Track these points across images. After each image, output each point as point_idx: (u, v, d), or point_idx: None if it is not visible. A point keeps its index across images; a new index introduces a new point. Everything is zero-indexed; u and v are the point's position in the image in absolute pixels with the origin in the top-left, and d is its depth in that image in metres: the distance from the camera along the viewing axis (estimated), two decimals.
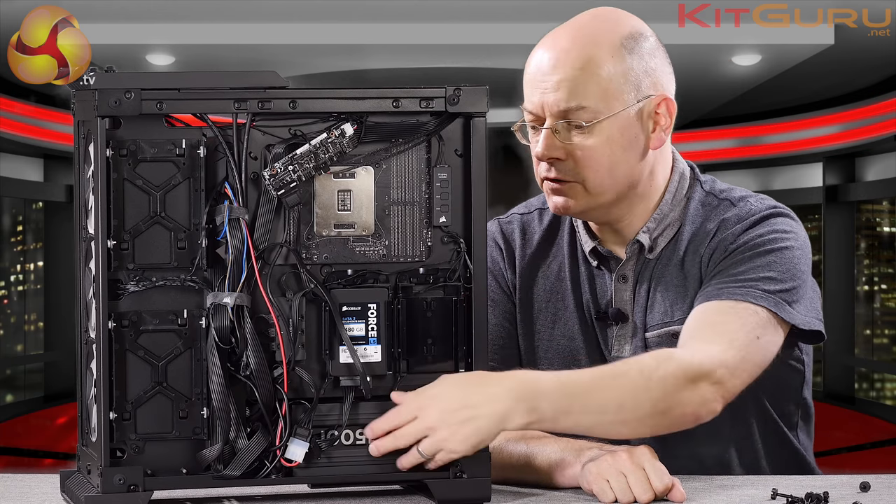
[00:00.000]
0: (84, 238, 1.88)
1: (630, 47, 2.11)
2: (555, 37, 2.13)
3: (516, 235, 2.28)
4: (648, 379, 1.92)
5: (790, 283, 2.08)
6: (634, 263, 2.18)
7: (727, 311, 2.04)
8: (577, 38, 2.11)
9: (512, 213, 2.32)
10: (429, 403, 1.85)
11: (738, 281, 2.06)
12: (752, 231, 2.12)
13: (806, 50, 8.49)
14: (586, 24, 2.13)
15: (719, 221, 2.15)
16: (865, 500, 1.91)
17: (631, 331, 2.17)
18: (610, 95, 2.08)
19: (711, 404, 1.96)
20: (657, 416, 1.92)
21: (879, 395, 11.25)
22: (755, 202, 2.17)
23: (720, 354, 1.98)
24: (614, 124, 2.09)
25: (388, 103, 1.87)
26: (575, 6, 2.23)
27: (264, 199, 1.84)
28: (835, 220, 11.01)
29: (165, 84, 1.82)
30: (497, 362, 2.18)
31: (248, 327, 1.83)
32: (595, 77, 2.08)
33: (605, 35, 2.11)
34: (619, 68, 2.09)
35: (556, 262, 2.25)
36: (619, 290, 2.18)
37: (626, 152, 2.11)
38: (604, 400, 1.90)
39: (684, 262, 2.15)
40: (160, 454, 1.83)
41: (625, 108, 2.09)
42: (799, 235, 2.14)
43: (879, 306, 11.14)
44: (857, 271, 11.09)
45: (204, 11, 7.74)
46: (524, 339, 2.24)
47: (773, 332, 2.05)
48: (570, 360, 2.20)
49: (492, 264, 2.25)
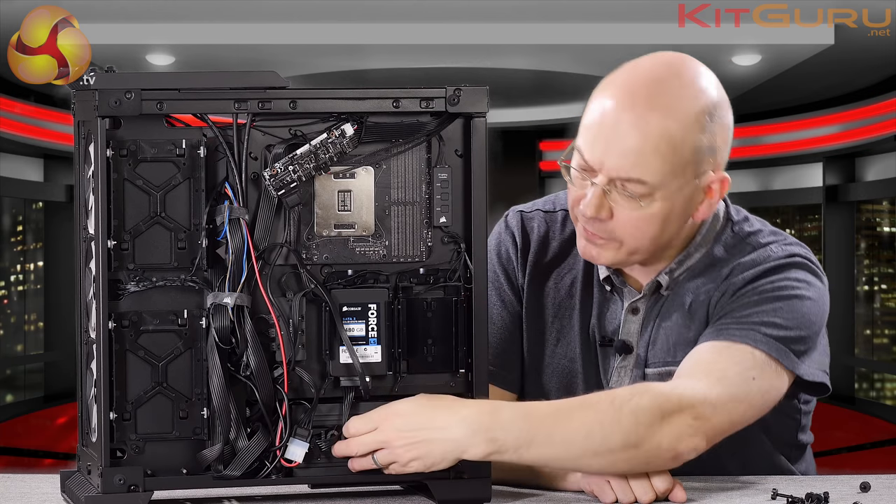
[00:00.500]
0: (84, 238, 1.88)
1: (704, 124, 2.00)
2: (632, 92, 2.00)
3: (535, 235, 2.21)
4: (619, 410, 1.85)
5: (796, 331, 2.01)
6: (648, 298, 2.12)
7: (722, 350, 1.97)
8: (657, 104, 1.98)
9: (536, 209, 2.24)
10: (390, 418, 1.85)
11: (740, 322, 2.00)
12: (763, 278, 2.04)
13: (806, 50, 8.49)
14: (667, 85, 2.00)
15: (734, 265, 2.08)
16: (865, 500, 1.91)
17: (633, 363, 2.12)
18: (672, 173, 1.99)
19: (689, 440, 1.87)
20: (630, 449, 1.85)
21: (879, 395, 11.25)
22: (776, 248, 2.09)
23: (705, 390, 1.91)
24: (667, 200, 2.01)
25: (389, 103, 1.87)
26: (575, 6, 2.23)
27: (264, 200, 1.84)
28: (835, 220, 11.01)
29: (165, 84, 1.82)
30: (497, 367, 2.16)
31: (248, 327, 1.83)
32: (664, 155, 1.98)
33: (685, 105, 1.99)
34: (689, 146, 1.99)
35: (570, 275, 2.19)
36: (628, 321, 2.13)
37: (671, 224, 2.04)
38: (569, 431, 1.85)
39: (693, 303, 2.09)
40: (160, 454, 1.83)
41: (683, 186, 2.01)
42: (814, 287, 2.06)
43: (879, 306, 11.14)
44: (857, 271, 11.10)
45: (204, 11, 7.74)
46: (528, 348, 2.19)
47: (773, 377, 1.98)
48: (568, 381, 2.17)
49: (506, 261, 2.21)
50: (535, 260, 2.20)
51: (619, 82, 2.03)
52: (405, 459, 1.84)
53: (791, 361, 1.99)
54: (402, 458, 1.84)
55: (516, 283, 2.20)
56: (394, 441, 1.84)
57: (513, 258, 2.20)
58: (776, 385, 1.99)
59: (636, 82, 2.01)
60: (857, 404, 10.65)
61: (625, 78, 2.03)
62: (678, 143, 1.98)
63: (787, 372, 2.00)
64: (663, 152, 1.98)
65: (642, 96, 1.99)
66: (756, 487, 2.00)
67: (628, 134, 1.98)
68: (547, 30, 8.06)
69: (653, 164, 1.98)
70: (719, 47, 8.58)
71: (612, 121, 1.99)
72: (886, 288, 11.16)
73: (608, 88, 2.03)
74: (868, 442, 9.33)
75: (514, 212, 2.24)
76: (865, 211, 11.18)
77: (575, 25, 7.91)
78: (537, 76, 10.14)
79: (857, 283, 11.09)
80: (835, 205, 11.02)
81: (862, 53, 8.68)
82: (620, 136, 1.98)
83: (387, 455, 1.85)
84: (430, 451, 1.83)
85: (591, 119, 2.02)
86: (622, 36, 8.04)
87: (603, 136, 2.00)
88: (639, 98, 1.99)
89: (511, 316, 2.19)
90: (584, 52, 9.03)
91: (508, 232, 2.22)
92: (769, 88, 9.94)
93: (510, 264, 2.20)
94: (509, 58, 9.36)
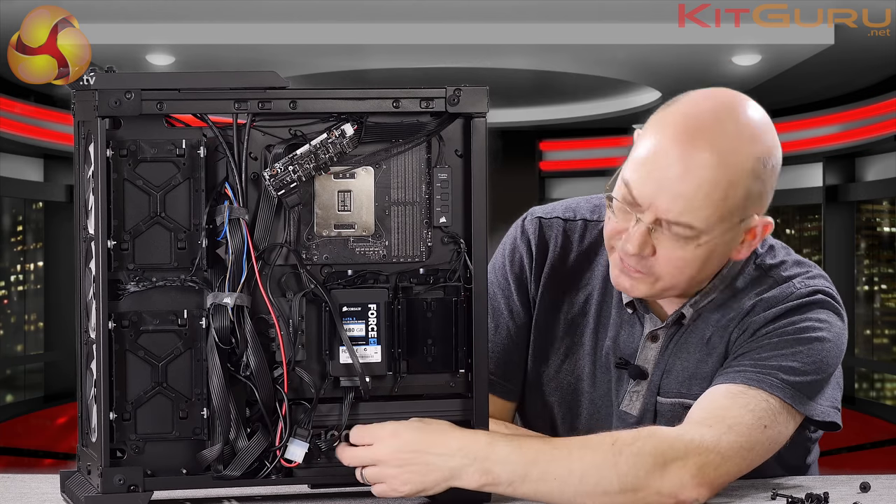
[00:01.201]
0: (84, 238, 1.88)
1: (759, 172, 1.97)
2: (690, 134, 1.94)
3: (552, 245, 2.17)
4: (619, 454, 1.83)
5: (813, 375, 1.98)
6: (669, 327, 2.09)
7: (737, 395, 1.93)
8: (716, 151, 1.93)
9: (555, 216, 2.19)
10: (387, 437, 1.84)
11: (758, 366, 1.96)
12: (785, 318, 2.01)
13: (806, 50, 8.49)
14: (725, 130, 1.95)
15: (756, 300, 2.04)
16: (865, 500, 1.91)
17: (646, 389, 2.09)
18: (721, 220, 1.96)
19: (693, 489, 1.84)
20: (627, 493, 1.83)
21: (879, 395, 11.25)
22: (799, 284, 2.05)
23: (714, 438, 1.88)
24: (711, 242, 1.97)
25: (389, 104, 1.87)
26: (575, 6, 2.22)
27: (264, 200, 1.84)
28: (835, 220, 11.02)
29: (165, 84, 1.81)
30: (498, 376, 2.14)
31: (248, 327, 1.83)
32: (715, 203, 1.94)
33: (742, 154, 1.95)
34: (741, 194, 1.95)
35: (584, 292, 2.15)
36: (646, 347, 2.09)
37: (711, 265, 2.01)
38: (566, 469, 1.83)
39: (711, 337, 2.06)
40: (160, 454, 1.83)
41: (728, 230, 1.98)
42: (834, 326, 2.03)
43: (879, 306, 11.14)
44: (857, 271, 11.10)
45: (204, 11, 7.74)
46: (533, 361, 2.17)
47: (785, 423, 1.96)
48: (571, 398, 2.15)
49: (518, 269, 2.17)
50: (550, 272, 2.16)
51: (676, 120, 1.97)
52: (397, 481, 1.83)
53: (805, 406, 1.97)
54: (393, 480, 1.84)
55: (527, 293, 2.17)
56: (389, 460, 1.83)
57: (526, 268, 2.17)
58: (786, 431, 1.97)
59: (694, 123, 1.96)
60: (857, 404, 10.66)
61: (682, 117, 1.97)
62: (731, 192, 1.95)
63: (800, 414, 1.98)
64: (715, 200, 1.94)
65: (700, 139, 1.94)
66: (756, 487, 2.00)
67: (682, 178, 1.93)
68: (547, 30, 8.07)
69: (704, 210, 1.94)
70: (719, 47, 8.59)
71: (666, 162, 1.94)
72: (886, 288, 11.16)
73: (664, 125, 1.97)
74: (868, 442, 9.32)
75: (532, 217, 2.19)
76: (865, 211, 11.18)
77: (575, 25, 7.91)
78: (537, 76, 10.15)
79: (857, 283, 11.10)
80: (835, 205, 11.02)
81: (862, 53, 8.68)
82: (673, 179, 1.94)
83: (377, 473, 1.84)
84: (424, 475, 1.83)
85: (643, 154, 1.97)
86: (622, 36, 8.05)
87: (655, 176, 1.95)
88: (698, 142, 1.94)
89: (517, 326, 2.16)
90: (584, 52, 9.04)
91: (525, 239, 2.17)
92: (769, 88, 9.94)
93: (523, 273, 2.17)
94: (509, 58, 9.37)
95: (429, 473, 1.83)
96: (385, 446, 1.84)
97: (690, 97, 2.00)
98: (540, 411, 2.18)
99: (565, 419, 2.16)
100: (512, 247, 2.18)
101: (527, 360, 2.17)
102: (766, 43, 8.40)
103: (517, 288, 2.16)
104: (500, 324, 2.15)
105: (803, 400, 1.97)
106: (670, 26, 7.62)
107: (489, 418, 1.91)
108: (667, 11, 7.44)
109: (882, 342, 11.14)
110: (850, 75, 9.79)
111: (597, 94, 11.54)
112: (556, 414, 2.16)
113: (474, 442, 1.84)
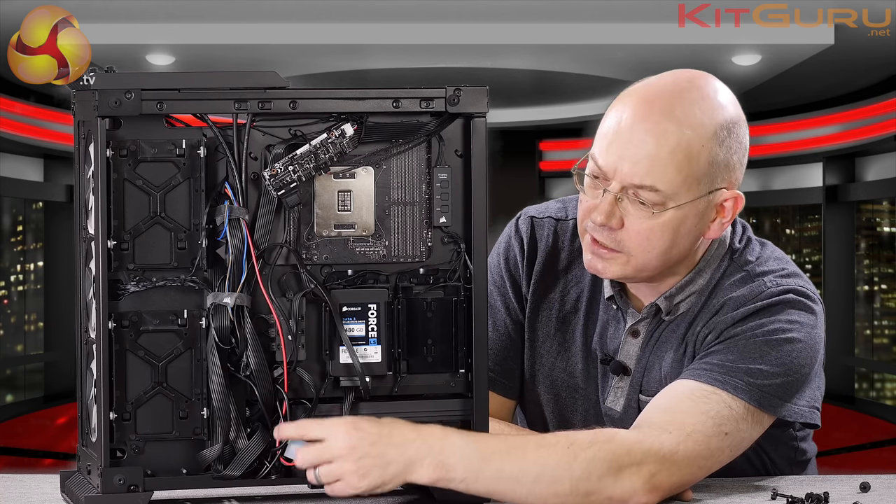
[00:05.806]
0: (84, 238, 1.88)
1: (722, 139, 1.99)
2: (650, 102, 1.99)
3: (543, 244, 2.19)
4: (574, 457, 1.83)
5: (783, 377, 1.97)
6: (649, 322, 2.10)
7: (700, 398, 1.93)
8: (675, 114, 1.98)
9: (547, 216, 2.22)
10: (344, 430, 1.81)
11: (724, 367, 1.95)
12: (753, 319, 2.00)
13: (806, 50, 8.49)
14: (686, 97, 1.99)
15: (726, 299, 2.04)
16: (865, 500, 1.91)
17: (629, 385, 2.10)
18: (686, 184, 1.98)
19: (643, 495, 1.84)
20: (579, 496, 1.82)
21: (879, 395, 11.25)
22: (770, 283, 2.04)
23: (672, 447, 1.87)
24: (679, 212, 1.99)
25: (389, 103, 1.87)
26: (575, 6, 2.22)
27: (264, 200, 1.84)
28: (835, 220, 11.01)
29: (165, 84, 1.82)
30: (497, 374, 2.16)
31: (248, 327, 1.83)
32: (679, 164, 1.97)
33: (703, 117, 1.98)
34: (704, 159, 1.98)
35: (576, 289, 2.17)
36: (628, 342, 2.11)
37: (681, 239, 2.02)
38: (520, 468, 1.82)
39: (686, 334, 2.07)
40: (160, 454, 1.83)
41: (696, 199, 2.00)
42: (805, 327, 2.01)
43: (879, 306, 11.13)
44: (857, 271, 11.09)
45: (204, 11, 7.74)
46: (528, 357, 2.19)
47: (749, 427, 1.95)
48: (567, 394, 2.16)
49: (513, 267, 2.19)
50: (541, 269, 2.18)
51: (637, 93, 2.02)
52: (355, 477, 1.79)
53: (774, 408, 1.97)
54: (351, 475, 1.79)
55: (521, 290, 2.19)
56: (346, 454, 1.79)
57: (519, 265, 2.19)
58: (751, 434, 1.96)
59: (655, 93, 2.01)
60: (857, 404, 10.66)
61: (643, 89, 2.02)
62: (694, 154, 1.97)
63: (769, 417, 1.97)
64: (678, 161, 1.97)
65: (660, 105, 1.99)
66: (756, 487, 2.00)
67: (644, 141, 1.97)
68: (547, 30, 8.07)
69: (667, 171, 1.97)
70: (719, 47, 8.59)
71: (628, 128, 1.99)
72: (886, 288, 11.16)
73: (626, 98, 2.03)
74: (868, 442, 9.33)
75: (525, 216, 2.22)
76: (865, 211, 11.18)
77: (575, 25, 7.91)
78: (537, 76, 10.15)
79: (857, 283, 11.09)
80: (835, 205, 11.02)
81: (862, 53, 8.68)
82: (636, 142, 1.98)
83: (332, 470, 1.80)
84: (383, 468, 1.79)
85: (607, 127, 2.02)
86: (622, 36, 8.05)
87: (618, 143, 1.99)
88: (656, 107, 1.99)
89: (514, 323, 2.18)
90: (584, 52, 9.04)
91: (518, 237, 2.20)
92: (769, 88, 9.94)
93: (517, 271, 2.19)
94: (509, 58, 9.36)
95: (388, 466, 1.80)
96: (342, 440, 1.80)
97: (655, 76, 2.05)
98: (537, 409, 2.18)
99: (562, 416, 2.16)
100: (506, 245, 2.21)
101: (523, 356, 2.19)
102: (766, 43, 8.40)
103: (512, 285, 2.19)
104: (497, 321, 2.17)
105: (773, 402, 1.96)
106: (670, 26, 7.62)
107: (489, 417, 1.91)
108: (667, 11, 7.44)
109: (882, 342, 11.13)
110: (850, 75, 9.78)
111: (597, 94, 11.54)
112: (552, 411, 2.17)
113: (430, 434, 1.82)
